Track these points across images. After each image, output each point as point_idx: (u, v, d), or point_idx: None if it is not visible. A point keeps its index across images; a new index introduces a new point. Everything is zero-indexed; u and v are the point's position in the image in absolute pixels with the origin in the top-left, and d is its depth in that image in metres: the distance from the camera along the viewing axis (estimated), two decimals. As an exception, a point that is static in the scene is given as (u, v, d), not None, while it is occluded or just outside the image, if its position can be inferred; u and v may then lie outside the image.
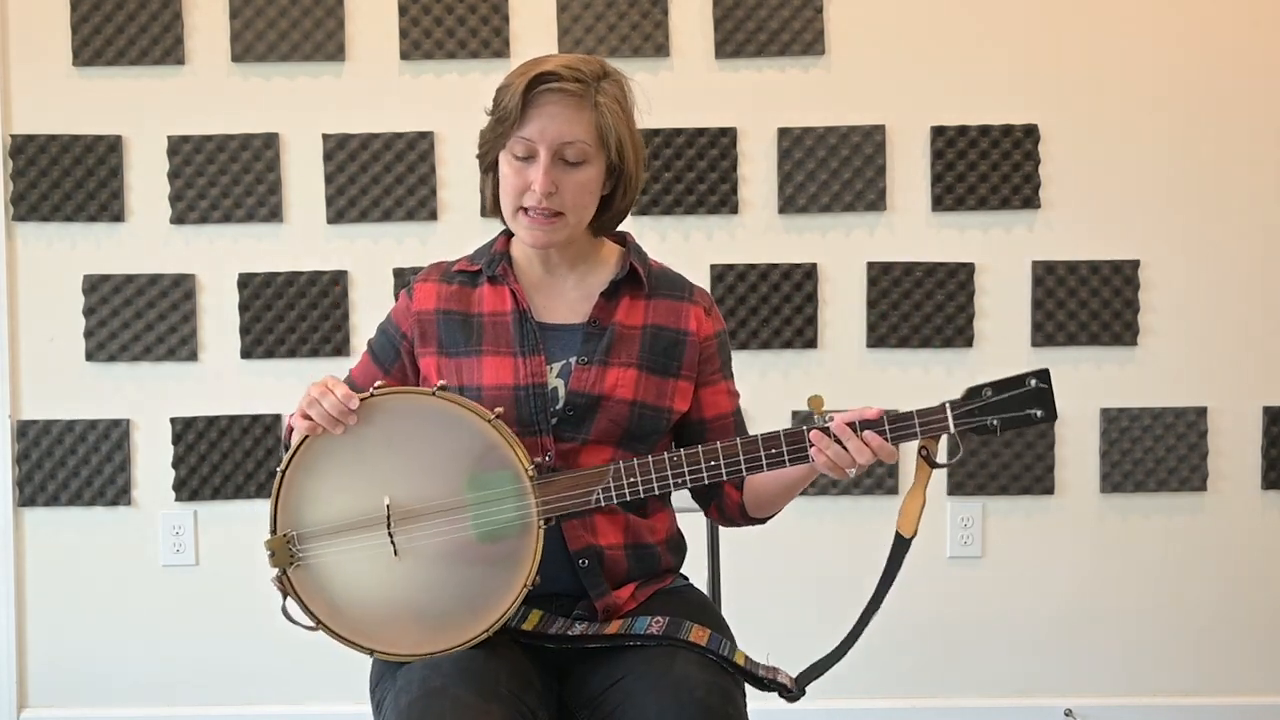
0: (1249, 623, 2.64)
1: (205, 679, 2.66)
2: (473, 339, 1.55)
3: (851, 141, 2.57)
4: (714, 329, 1.61)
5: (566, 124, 1.47)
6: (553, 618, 1.50)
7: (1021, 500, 2.62)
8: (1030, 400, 1.41)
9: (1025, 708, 2.64)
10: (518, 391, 1.51)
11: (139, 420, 2.61)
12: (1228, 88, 2.57)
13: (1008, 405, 1.41)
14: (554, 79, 1.46)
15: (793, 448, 1.43)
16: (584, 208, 1.52)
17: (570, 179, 1.49)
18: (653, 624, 1.46)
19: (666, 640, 1.44)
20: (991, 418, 1.41)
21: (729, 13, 2.56)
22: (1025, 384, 1.41)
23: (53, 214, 2.58)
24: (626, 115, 1.53)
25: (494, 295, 1.57)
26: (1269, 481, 2.61)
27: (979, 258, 2.59)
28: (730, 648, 1.47)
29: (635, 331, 1.56)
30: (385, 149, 2.58)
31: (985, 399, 1.41)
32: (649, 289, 1.59)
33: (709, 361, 1.61)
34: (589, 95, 1.48)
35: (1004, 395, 1.41)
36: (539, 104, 1.47)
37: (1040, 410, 1.41)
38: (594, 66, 1.50)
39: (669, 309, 1.59)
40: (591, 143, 1.49)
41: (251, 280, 2.59)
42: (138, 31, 2.56)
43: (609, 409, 1.51)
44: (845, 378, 2.60)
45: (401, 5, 2.56)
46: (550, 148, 1.47)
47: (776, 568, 2.61)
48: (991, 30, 2.57)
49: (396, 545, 1.42)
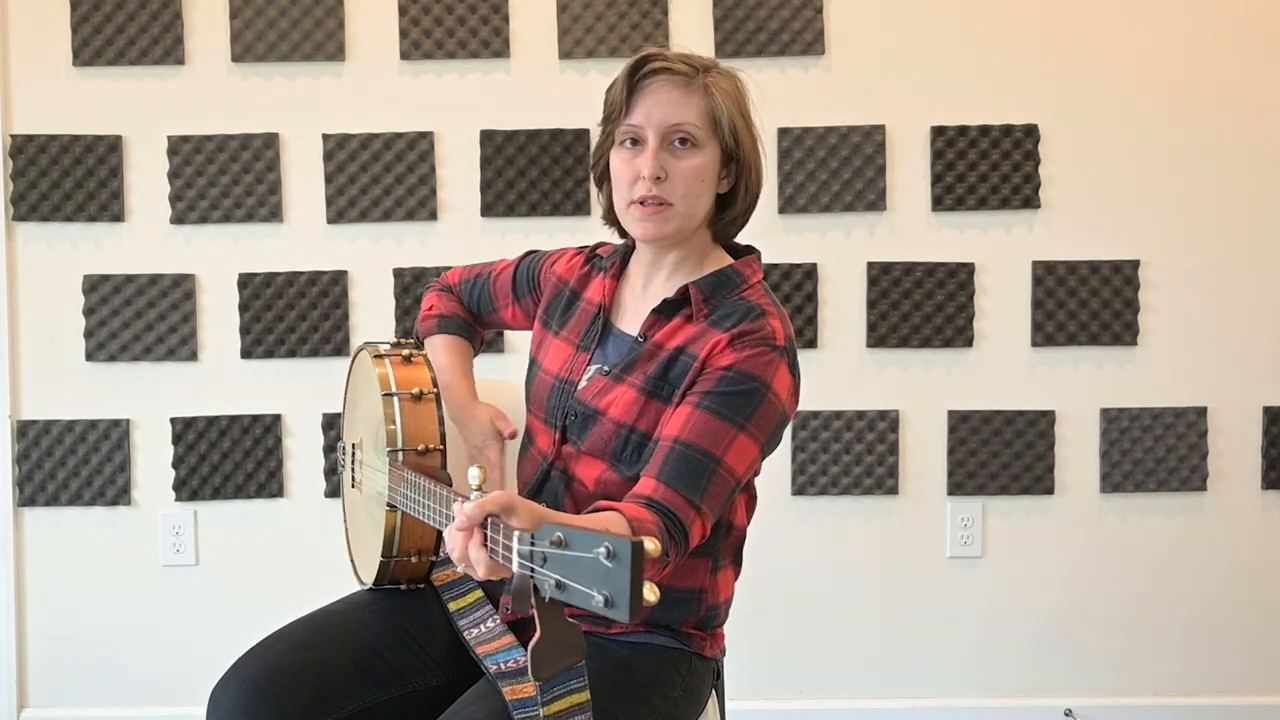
0: (1249, 622, 2.64)
1: (205, 679, 2.64)
2: (563, 318, 1.57)
3: (851, 141, 2.57)
4: (728, 360, 1.38)
5: (674, 106, 1.41)
6: (482, 603, 1.52)
7: (1021, 500, 2.62)
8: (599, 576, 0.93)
9: (1025, 708, 2.64)
10: (555, 381, 1.52)
11: (139, 420, 2.61)
12: (1228, 88, 2.57)
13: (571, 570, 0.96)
14: (659, 60, 1.42)
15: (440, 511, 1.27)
16: (695, 196, 1.43)
17: (680, 165, 1.42)
18: (512, 660, 1.39)
19: (496, 675, 1.37)
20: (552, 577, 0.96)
21: (729, 13, 2.56)
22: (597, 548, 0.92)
23: (53, 214, 2.58)
24: (742, 106, 1.46)
25: (598, 285, 1.56)
26: (1269, 481, 2.61)
27: (979, 258, 2.59)
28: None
29: (663, 353, 1.44)
30: (385, 149, 2.58)
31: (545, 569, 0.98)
32: (707, 313, 1.44)
33: (695, 384, 1.39)
34: (697, 79, 1.42)
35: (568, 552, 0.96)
36: (645, 89, 1.42)
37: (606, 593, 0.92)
38: (705, 60, 1.46)
39: (707, 335, 1.42)
40: (702, 125, 1.42)
41: (251, 280, 2.59)
42: (138, 31, 2.56)
43: (600, 424, 1.45)
44: (845, 378, 2.60)
45: (401, 5, 2.56)
46: (658, 131, 1.41)
47: (776, 568, 2.61)
48: (991, 30, 2.57)
49: (355, 477, 1.65)
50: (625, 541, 0.89)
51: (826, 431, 2.59)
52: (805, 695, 2.61)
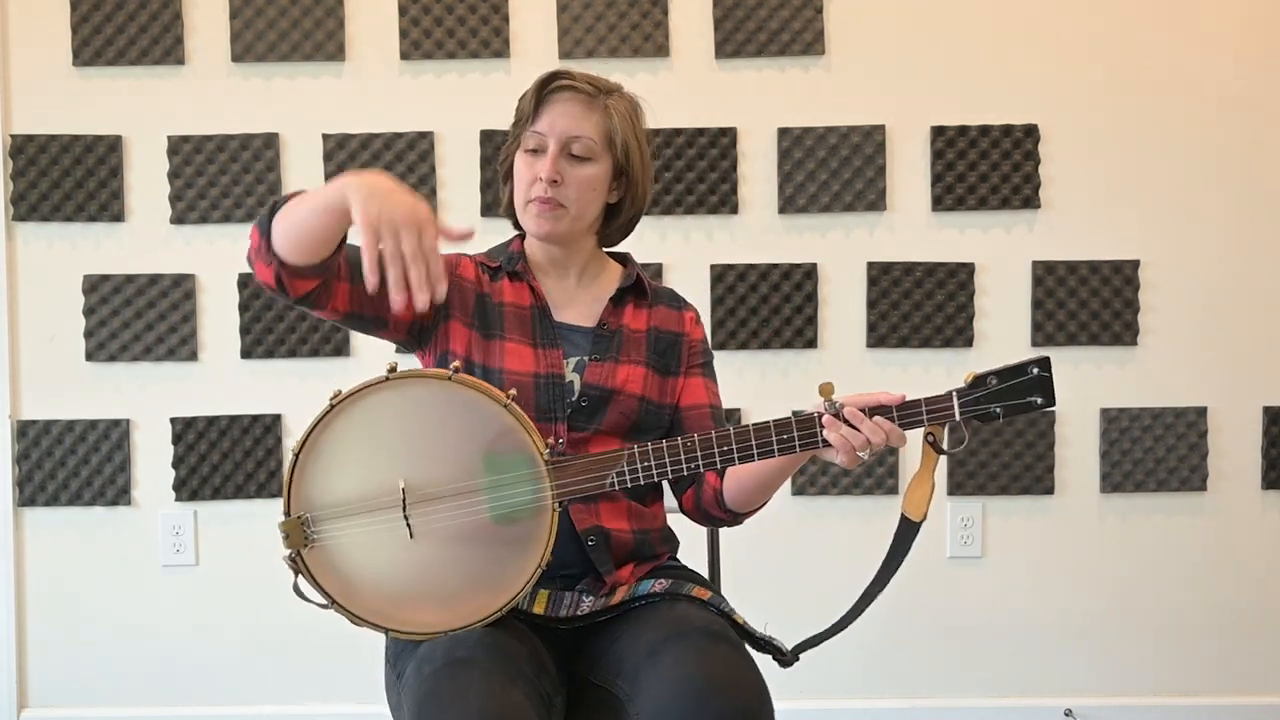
0: (1249, 622, 2.64)
1: (205, 679, 2.66)
2: (495, 324, 1.61)
3: (851, 141, 2.57)
4: (700, 334, 1.73)
5: (575, 120, 1.57)
6: (560, 595, 1.54)
7: (1021, 500, 2.62)
8: (1032, 388, 1.46)
9: (1025, 708, 2.64)
10: (537, 379, 1.57)
11: (139, 420, 2.61)
12: (1228, 87, 2.57)
13: (1010, 393, 1.46)
14: (566, 77, 1.58)
15: (804, 432, 1.45)
16: (587, 203, 1.60)
17: (576, 173, 1.58)
18: (655, 585, 1.55)
19: (669, 595, 1.53)
20: (995, 405, 1.46)
21: (729, 13, 2.56)
22: (1028, 372, 1.46)
23: (53, 214, 2.58)
24: (636, 128, 1.63)
25: (513, 289, 1.64)
26: (1269, 481, 2.61)
27: (979, 258, 2.59)
28: (729, 610, 1.54)
29: (640, 335, 1.66)
30: (385, 149, 2.58)
31: (989, 387, 1.46)
32: (651, 299, 1.70)
33: (692, 356, 1.71)
34: (599, 99, 1.59)
35: (1007, 383, 1.46)
36: (551, 101, 1.58)
37: (1040, 398, 1.46)
38: (609, 84, 1.62)
39: (667, 315, 1.70)
40: (598, 141, 1.58)
41: (252, 280, 2.59)
42: (138, 31, 2.56)
43: (620, 402, 1.60)
44: (845, 378, 2.59)
45: (401, 5, 2.56)
46: (559, 140, 1.57)
47: (776, 568, 2.61)
48: (991, 30, 2.57)
49: (412, 527, 1.42)
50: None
51: (826, 431, 2.58)
52: (805, 695, 2.61)
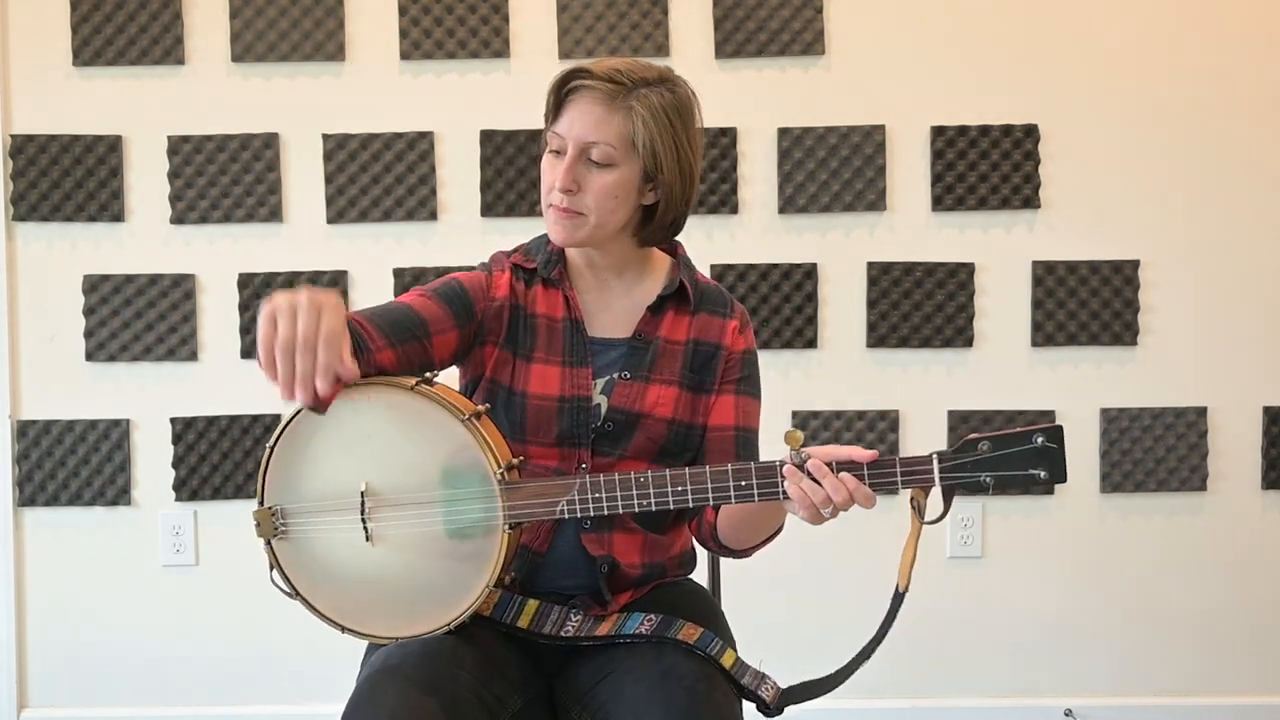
0: (1249, 622, 2.64)
1: (205, 679, 2.66)
2: (526, 341, 1.53)
3: (851, 141, 2.57)
4: (743, 345, 1.59)
5: (592, 124, 1.45)
6: (549, 608, 1.50)
7: (1021, 500, 2.62)
8: (1033, 458, 1.27)
9: (1025, 708, 2.64)
10: (562, 403, 1.51)
11: (139, 420, 2.61)
12: (1228, 87, 2.57)
13: (1005, 462, 1.27)
14: (585, 76, 1.45)
15: (763, 482, 1.35)
16: (609, 211, 1.48)
17: (595, 180, 1.47)
18: (643, 623, 1.47)
19: (655, 638, 1.45)
20: (985, 474, 1.28)
21: (729, 13, 2.56)
22: (1030, 440, 1.27)
23: (53, 214, 2.58)
24: (672, 126, 1.48)
25: (547, 298, 1.55)
26: (1269, 481, 2.61)
27: (979, 258, 2.59)
28: (720, 648, 1.46)
29: (679, 347, 1.55)
30: (385, 149, 2.58)
31: (979, 453, 1.28)
32: (694, 305, 1.57)
33: (728, 371, 1.58)
34: (620, 98, 1.45)
35: (1001, 451, 1.27)
36: (570, 101, 1.47)
37: (1045, 471, 1.27)
38: (641, 72, 1.47)
39: (709, 324, 1.57)
40: (619, 145, 1.45)
41: (251, 280, 2.59)
42: (138, 31, 2.56)
43: (648, 426, 1.52)
44: (845, 378, 2.60)
45: (401, 5, 2.56)
46: (576, 145, 1.46)
47: (776, 567, 2.61)
48: (991, 30, 2.57)
49: (369, 531, 1.42)
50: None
51: (826, 431, 2.59)
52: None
